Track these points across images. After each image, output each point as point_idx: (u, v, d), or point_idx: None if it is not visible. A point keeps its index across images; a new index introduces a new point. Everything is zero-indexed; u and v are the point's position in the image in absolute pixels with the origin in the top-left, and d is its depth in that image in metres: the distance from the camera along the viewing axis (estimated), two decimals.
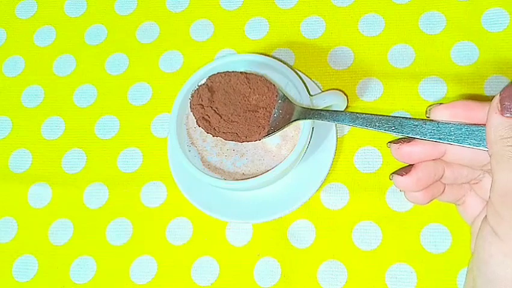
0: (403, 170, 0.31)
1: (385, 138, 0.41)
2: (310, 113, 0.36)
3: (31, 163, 0.46)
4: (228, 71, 0.38)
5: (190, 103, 0.37)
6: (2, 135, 0.48)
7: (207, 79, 0.37)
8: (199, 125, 0.36)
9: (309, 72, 0.43)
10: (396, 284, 0.37)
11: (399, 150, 0.31)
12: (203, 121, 0.36)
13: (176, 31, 0.48)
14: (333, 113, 0.34)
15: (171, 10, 0.49)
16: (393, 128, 0.31)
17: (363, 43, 0.44)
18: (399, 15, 0.44)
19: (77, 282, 0.42)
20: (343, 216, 0.40)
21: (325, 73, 0.44)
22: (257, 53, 0.40)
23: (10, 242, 0.44)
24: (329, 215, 0.40)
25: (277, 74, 0.40)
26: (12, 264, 0.43)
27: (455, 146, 0.29)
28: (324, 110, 0.35)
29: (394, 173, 0.31)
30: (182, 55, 0.47)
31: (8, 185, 0.46)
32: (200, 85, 0.37)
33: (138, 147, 0.45)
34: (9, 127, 0.48)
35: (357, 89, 0.43)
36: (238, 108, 0.36)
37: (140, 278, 0.41)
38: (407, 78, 0.42)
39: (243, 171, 0.37)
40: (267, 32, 0.46)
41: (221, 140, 0.38)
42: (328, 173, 0.40)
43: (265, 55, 0.40)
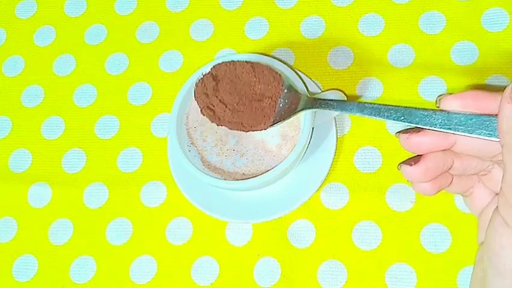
0: (412, 160, 0.30)
1: (385, 138, 0.41)
2: (316, 103, 0.35)
3: (31, 163, 0.46)
4: (233, 60, 0.37)
5: (195, 92, 0.36)
6: (2, 135, 0.48)
7: (212, 68, 0.37)
8: (203, 114, 0.36)
9: (309, 72, 0.43)
10: (396, 284, 0.37)
11: (408, 140, 0.30)
12: (208, 110, 0.36)
13: (176, 31, 0.48)
14: (340, 103, 0.34)
15: (171, 10, 0.49)
16: (402, 118, 0.30)
17: (363, 43, 0.44)
18: (399, 15, 0.44)
19: (77, 282, 0.42)
20: (343, 216, 0.40)
21: (325, 73, 0.44)
22: (257, 53, 0.40)
23: (10, 242, 0.44)
24: (329, 215, 0.40)
25: None
26: (12, 264, 0.43)
27: (465, 137, 0.28)
28: (331, 100, 0.35)
29: (402, 163, 0.31)
30: (182, 55, 0.47)
31: (8, 185, 0.46)
32: (205, 74, 0.37)
33: (138, 147, 0.45)
34: (9, 127, 0.48)
35: (357, 89, 0.43)
36: (243, 97, 0.36)
37: (140, 278, 0.41)
38: (407, 78, 0.42)
39: (243, 171, 0.37)
40: (267, 32, 0.46)
41: (221, 140, 0.38)
42: (328, 173, 0.40)
43: (265, 55, 0.40)
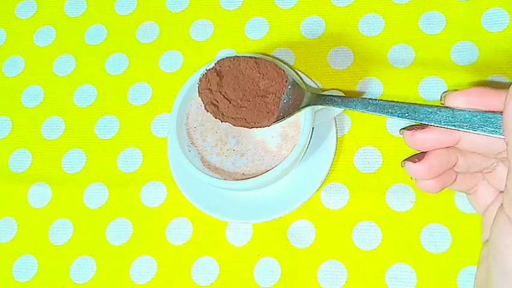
0: (416, 157, 0.30)
1: (385, 138, 0.41)
2: (320, 99, 0.35)
3: (31, 163, 0.46)
4: (237, 56, 0.37)
5: (198, 87, 0.36)
6: (2, 135, 0.48)
7: (216, 63, 0.37)
8: (207, 110, 0.36)
9: (309, 72, 0.43)
10: (396, 284, 0.37)
11: (412, 137, 0.30)
12: (211, 106, 0.36)
13: (176, 31, 0.48)
14: (344, 99, 0.33)
15: (171, 10, 0.49)
16: (406, 115, 0.30)
17: (363, 43, 0.44)
18: (399, 15, 0.44)
19: (77, 282, 0.42)
20: (343, 216, 0.40)
21: (325, 73, 0.44)
22: (257, 53, 0.40)
23: (10, 242, 0.44)
24: (329, 215, 0.40)
25: None
26: (12, 264, 0.43)
27: (469, 134, 0.28)
28: (335, 96, 0.34)
29: (406, 160, 0.30)
30: (182, 55, 0.47)
31: (8, 185, 0.46)
32: (208, 69, 0.37)
33: (138, 147, 0.45)
34: (9, 127, 0.48)
35: (357, 89, 0.43)
36: (247, 93, 0.36)
37: (140, 278, 0.41)
38: (407, 78, 0.42)
39: (243, 171, 0.37)
40: (267, 32, 0.46)
41: (221, 140, 0.38)
42: (328, 173, 0.40)
43: (265, 55, 0.40)
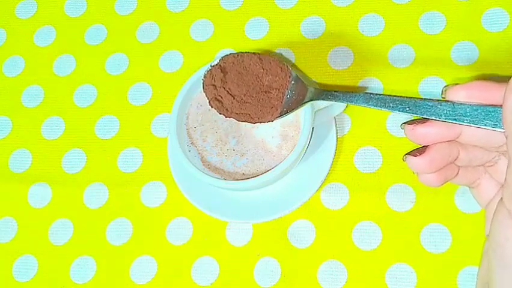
0: (417, 151, 0.30)
1: (385, 138, 0.41)
2: (323, 94, 0.35)
3: (31, 163, 0.46)
4: (242, 52, 0.37)
5: (203, 83, 0.37)
6: (2, 135, 0.48)
7: (220, 60, 0.37)
8: (211, 106, 0.36)
9: (309, 72, 0.43)
10: (396, 284, 0.37)
11: (413, 131, 0.30)
12: (215, 102, 0.36)
13: (176, 31, 0.48)
14: (346, 94, 0.34)
15: (171, 10, 0.49)
16: (407, 109, 0.30)
17: (363, 43, 0.44)
18: (399, 15, 0.44)
19: (77, 282, 0.42)
20: (343, 216, 0.40)
21: (325, 73, 0.44)
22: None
23: (10, 242, 0.44)
24: (329, 215, 0.40)
25: None
26: (12, 264, 0.43)
27: (470, 128, 0.28)
28: (337, 91, 0.35)
29: (408, 154, 0.31)
30: (182, 55, 0.47)
31: (8, 185, 0.46)
32: (213, 65, 0.37)
33: (138, 147, 0.45)
34: (9, 127, 0.48)
35: (357, 89, 0.43)
36: (250, 89, 0.36)
37: (140, 278, 0.41)
38: (407, 78, 0.42)
39: (243, 171, 0.37)
40: (267, 32, 0.46)
41: (221, 140, 0.38)
42: (328, 173, 0.40)
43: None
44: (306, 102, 0.36)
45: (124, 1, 0.50)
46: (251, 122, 0.36)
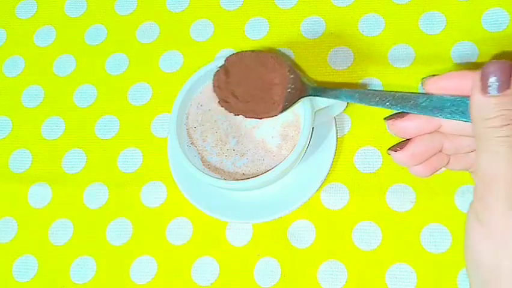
0: (398, 146, 0.30)
1: (385, 138, 0.41)
2: (315, 90, 0.36)
3: (31, 163, 0.46)
4: (243, 51, 0.38)
5: (213, 85, 0.38)
6: (2, 135, 0.48)
7: (225, 60, 0.38)
8: (221, 106, 0.37)
9: (309, 72, 0.43)
10: (396, 284, 0.37)
11: (393, 125, 0.30)
12: (224, 103, 0.37)
13: (176, 31, 0.48)
14: (333, 90, 0.35)
15: (171, 10, 0.49)
16: (387, 104, 0.30)
17: (363, 43, 0.44)
18: (399, 15, 0.44)
19: (77, 282, 0.42)
20: (343, 216, 0.40)
21: (325, 73, 0.44)
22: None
23: (10, 242, 0.44)
24: (329, 215, 0.40)
25: None
26: (12, 264, 0.43)
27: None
28: (324, 88, 0.36)
29: (389, 149, 0.31)
30: (182, 55, 0.47)
31: (8, 185, 0.46)
32: (219, 67, 0.38)
33: (138, 147, 0.45)
34: (9, 127, 0.48)
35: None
36: (252, 88, 0.37)
37: (140, 278, 0.41)
38: (407, 78, 0.42)
39: (243, 171, 0.37)
40: (267, 32, 0.46)
41: (221, 140, 0.38)
42: (328, 173, 0.40)
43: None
44: (304, 96, 0.36)
45: (124, 1, 0.50)
46: (258, 118, 0.36)
